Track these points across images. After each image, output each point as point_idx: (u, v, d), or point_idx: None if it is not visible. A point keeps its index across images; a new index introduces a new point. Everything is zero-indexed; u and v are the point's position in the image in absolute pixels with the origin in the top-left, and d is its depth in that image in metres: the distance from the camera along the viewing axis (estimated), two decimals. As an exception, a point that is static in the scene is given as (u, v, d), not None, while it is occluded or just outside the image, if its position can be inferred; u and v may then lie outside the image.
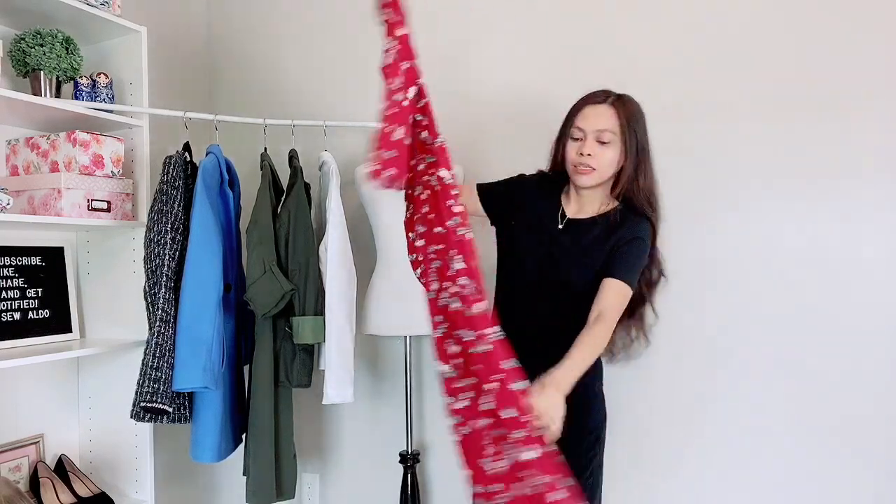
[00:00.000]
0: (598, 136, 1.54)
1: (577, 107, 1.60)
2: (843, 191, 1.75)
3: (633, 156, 1.55)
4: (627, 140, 1.54)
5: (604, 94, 1.58)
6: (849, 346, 1.74)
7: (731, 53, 1.85)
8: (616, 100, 1.56)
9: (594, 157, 1.54)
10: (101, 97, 1.90)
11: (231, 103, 2.60)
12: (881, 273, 1.71)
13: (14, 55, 1.80)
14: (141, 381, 1.73)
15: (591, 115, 1.56)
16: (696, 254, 1.88)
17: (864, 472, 1.73)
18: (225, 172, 1.88)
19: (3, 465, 1.86)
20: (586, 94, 1.60)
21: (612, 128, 1.53)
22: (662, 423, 1.94)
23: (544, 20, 2.07)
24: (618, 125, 1.53)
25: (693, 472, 1.90)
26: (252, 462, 1.88)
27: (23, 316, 1.86)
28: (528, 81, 2.09)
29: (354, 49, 2.38)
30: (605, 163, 1.55)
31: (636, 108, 1.58)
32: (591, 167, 1.55)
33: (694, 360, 1.90)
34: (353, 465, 2.40)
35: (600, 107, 1.55)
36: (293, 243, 1.90)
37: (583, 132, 1.56)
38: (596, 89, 1.59)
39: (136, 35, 1.98)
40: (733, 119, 1.85)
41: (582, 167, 1.56)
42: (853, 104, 1.73)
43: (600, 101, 1.56)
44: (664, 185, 1.65)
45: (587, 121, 1.56)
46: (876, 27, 1.71)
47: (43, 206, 1.79)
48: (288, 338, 1.90)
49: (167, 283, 1.77)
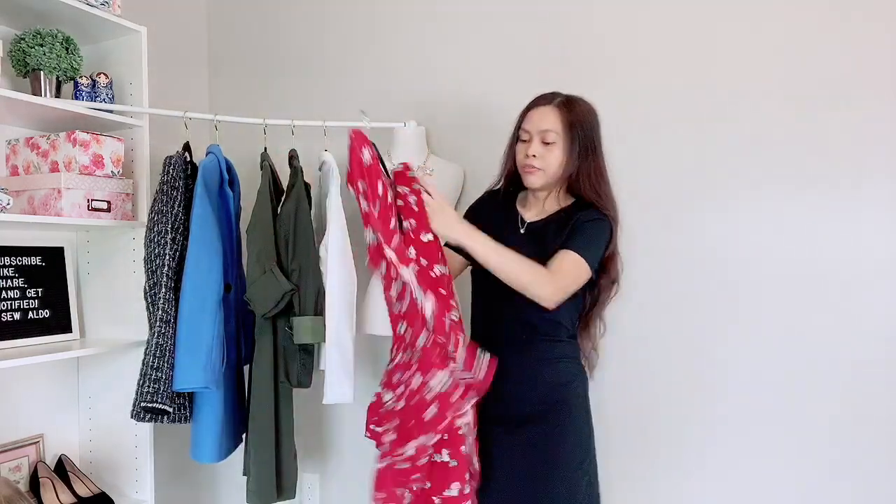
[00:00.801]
0: (542, 137, 1.58)
1: (524, 109, 1.65)
2: (840, 191, 1.74)
3: (578, 155, 1.58)
4: (572, 140, 1.56)
5: (551, 95, 1.62)
6: (847, 347, 1.74)
7: (729, 52, 1.85)
8: (563, 101, 1.60)
9: (539, 158, 1.58)
10: (101, 97, 1.90)
11: (231, 103, 2.60)
12: (882, 273, 1.72)
13: (14, 55, 1.80)
14: (141, 381, 1.73)
15: (534, 117, 1.60)
16: (690, 254, 1.88)
17: (868, 474, 1.73)
18: (225, 172, 1.88)
19: (3, 465, 1.86)
20: (535, 97, 1.64)
21: (554, 128, 1.57)
22: (657, 425, 1.94)
23: (535, 24, 2.08)
24: (560, 125, 1.57)
25: (690, 474, 1.91)
26: (252, 462, 1.88)
27: (23, 316, 1.86)
28: (526, 83, 2.09)
29: (355, 49, 2.38)
30: (550, 163, 1.58)
31: (584, 108, 1.61)
32: (536, 167, 1.59)
33: (687, 361, 1.90)
34: (353, 465, 2.40)
35: (545, 108, 1.59)
36: (293, 243, 1.89)
37: (528, 133, 1.60)
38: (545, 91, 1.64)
39: (136, 35, 1.98)
40: (734, 120, 1.85)
41: (528, 168, 1.60)
42: (853, 104, 1.73)
43: (546, 103, 1.60)
44: (655, 187, 1.66)
45: (531, 122, 1.60)
46: (875, 25, 1.71)
47: (43, 206, 1.79)
48: (288, 338, 1.90)
49: (167, 283, 1.77)
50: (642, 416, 1.95)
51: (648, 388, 1.94)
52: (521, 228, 1.67)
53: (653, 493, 1.95)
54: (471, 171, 2.14)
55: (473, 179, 2.13)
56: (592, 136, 1.60)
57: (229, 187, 1.90)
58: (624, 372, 1.95)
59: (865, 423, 1.72)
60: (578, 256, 1.53)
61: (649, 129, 1.91)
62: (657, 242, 1.91)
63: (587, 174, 1.60)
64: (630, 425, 1.95)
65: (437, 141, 2.20)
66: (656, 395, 1.93)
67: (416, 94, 2.26)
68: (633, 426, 1.95)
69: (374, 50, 2.35)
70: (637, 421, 1.95)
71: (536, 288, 1.50)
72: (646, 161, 1.91)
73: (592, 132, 1.60)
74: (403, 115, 2.16)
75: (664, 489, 1.94)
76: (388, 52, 2.32)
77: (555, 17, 2.06)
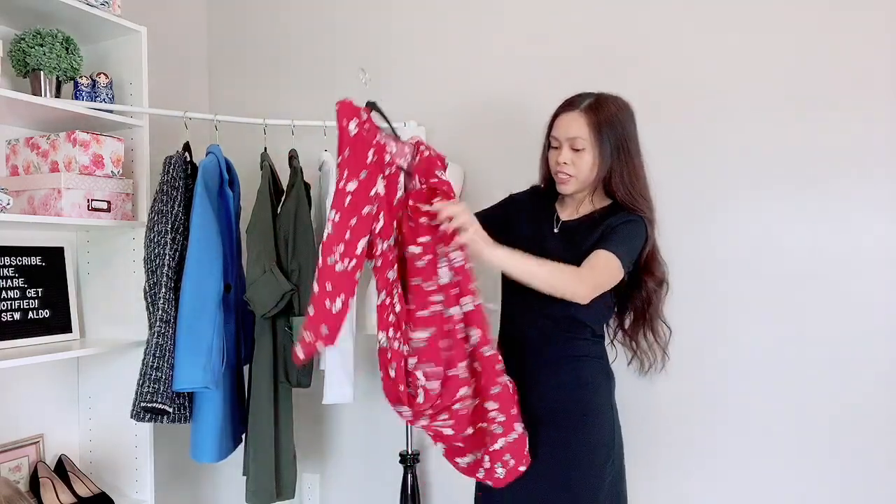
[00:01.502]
0: (571, 144, 1.55)
1: (553, 115, 1.62)
2: (840, 191, 1.74)
3: (610, 157, 1.55)
4: (601, 143, 1.54)
5: (578, 99, 1.58)
6: (847, 347, 1.74)
7: (728, 52, 1.85)
8: (589, 105, 1.55)
9: (570, 165, 1.56)
10: (101, 97, 1.90)
11: (231, 103, 2.60)
12: (882, 273, 1.72)
13: (14, 55, 1.80)
14: (141, 381, 1.74)
15: (562, 124, 1.57)
16: (689, 254, 1.88)
17: (868, 474, 1.73)
18: (225, 172, 1.88)
19: (3, 465, 1.86)
20: (563, 101, 1.61)
21: (581, 134, 1.54)
22: (673, 427, 1.94)
23: (544, 25, 2.08)
24: (587, 130, 1.53)
25: (691, 474, 1.91)
26: (252, 462, 1.88)
27: (23, 316, 1.86)
28: (526, 83, 2.09)
29: (355, 49, 2.38)
30: (582, 169, 1.56)
31: (614, 108, 1.56)
32: (568, 174, 1.57)
33: (687, 361, 1.89)
34: (353, 465, 2.40)
35: (571, 114, 1.56)
36: (293, 243, 1.90)
37: (558, 141, 1.58)
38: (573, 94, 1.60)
39: (136, 35, 1.98)
40: (734, 120, 1.85)
41: (561, 175, 1.58)
42: (853, 104, 1.73)
43: (572, 109, 1.57)
44: (663, 188, 1.65)
45: (560, 129, 1.58)
46: (875, 26, 1.71)
47: (43, 206, 1.79)
48: (288, 338, 1.90)
49: (167, 283, 1.77)
50: (642, 416, 1.95)
51: (648, 389, 1.93)
52: (556, 227, 1.66)
53: (652, 493, 1.95)
54: (471, 171, 2.14)
55: (473, 179, 2.13)
56: (624, 135, 1.56)
57: (229, 187, 1.90)
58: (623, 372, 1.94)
59: (866, 424, 1.73)
60: (611, 254, 1.51)
61: (649, 128, 1.90)
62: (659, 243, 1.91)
63: (620, 175, 1.56)
64: (629, 426, 1.95)
65: (438, 141, 2.20)
66: (656, 395, 1.93)
67: (416, 94, 2.26)
68: (633, 427, 1.95)
69: (374, 50, 2.35)
70: (637, 421, 1.95)
71: (571, 287, 1.47)
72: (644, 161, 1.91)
73: (624, 131, 1.57)
74: (403, 115, 2.16)
75: (663, 490, 1.94)
76: (389, 52, 2.32)
77: (555, 18, 2.06)
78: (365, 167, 1.32)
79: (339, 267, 1.28)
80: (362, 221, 1.31)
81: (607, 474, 1.58)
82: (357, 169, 1.31)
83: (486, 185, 2.01)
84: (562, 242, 1.61)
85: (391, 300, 1.38)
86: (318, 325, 1.26)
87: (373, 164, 1.34)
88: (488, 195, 1.86)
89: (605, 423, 1.61)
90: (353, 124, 1.34)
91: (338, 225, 1.28)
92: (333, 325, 1.28)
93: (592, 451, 1.58)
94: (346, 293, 1.28)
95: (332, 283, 1.27)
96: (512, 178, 1.81)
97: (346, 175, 1.30)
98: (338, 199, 1.29)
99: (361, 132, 1.34)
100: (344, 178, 1.30)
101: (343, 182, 1.30)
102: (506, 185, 1.83)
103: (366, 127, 1.36)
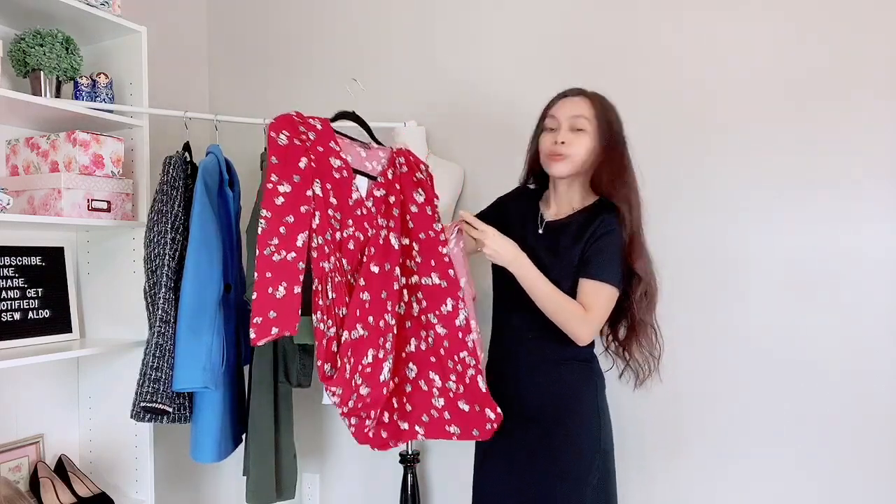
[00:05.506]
0: (572, 124, 1.57)
1: (551, 101, 1.64)
2: (840, 191, 1.74)
3: (606, 144, 1.57)
4: (601, 127, 1.57)
5: (577, 90, 1.63)
6: (848, 346, 1.74)
7: (728, 52, 1.85)
8: (593, 94, 1.61)
9: (568, 144, 1.56)
10: (101, 97, 1.90)
11: (231, 103, 2.60)
12: (882, 273, 1.72)
13: (14, 55, 1.80)
14: (141, 381, 1.73)
15: (565, 105, 1.60)
16: (689, 254, 1.88)
17: (868, 473, 1.73)
18: (225, 172, 1.88)
19: (3, 465, 1.86)
20: (563, 90, 1.64)
21: (586, 114, 1.57)
22: (668, 430, 1.94)
23: (543, 26, 2.08)
24: (592, 112, 1.57)
25: (691, 474, 1.91)
26: (252, 462, 1.87)
27: (23, 316, 1.86)
28: (526, 83, 2.09)
29: (355, 49, 2.38)
30: (578, 150, 1.57)
31: (609, 103, 1.62)
32: (563, 154, 1.57)
33: (686, 361, 1.90)
34: (353, 465, 2.40)
35: (576, 98, 1.60)
36: (293, 243, 1.89)
37: (557, 121, 1.59)
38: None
39: (136, 35, 1.98)
40: (734, 119, 1.85)
41: (555, 155, 1.58)
42: (853, 104, 1.73)
43: (576, 94, 1.61)
44: (662, 188, 1.65)
45: (561, 110, 1.60)
46: (875, 25, 1.71)
47: (43, 206, 1.79)
48: (287, 338, 1.90)
49: (167, 283, 1.77)
50: (641, 416, 1.95)
51: (642, 392, 1.93)
52: (540, 228, 1.66)
53: (651, 493, 1.95)
54: (471, 171, 2.14)
55: (473, 179, 2.14)
56: (619, 130, 1.61)
57: (229, 187, 1.90)
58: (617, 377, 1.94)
59: (865, 426, 1.72)
60: (608, 286, 1.54)
61: (647, 129, 1.91)
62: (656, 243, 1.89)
63: (608, 164, 1.58)
64: (629, 425, 1.95)
65: (437, 141, 2.20)
66: (651, 398, 1.93)
67: (416, 94, 2.26)
68: (632, 426, 1.95)
69: (374, 50, 2.35)
70: (636, 421, 1.95)
71: (573, 328, 1.53)
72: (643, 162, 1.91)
73: (619, 128, 1.61)
74: (403, 115, 2.17)
75: (661, 489, 1.94)
76: (389, 52, 2.32)
77: (555, 17, 2.06)
78: (297, 172, 1.46)
79: (276, 257, 1.39)
80: (301, 218, 1.44)
81: (592, 478, 1.58)
82: (287, 173, 1.45)
83: (486, 186, 2.01)
84: (546, 243, 1.62)
85: (324, 287, 1.48)
86: (266, 310, 1.38)
87: (307, 169, 1.48)
88: (488, 195, 1.86)
89: (588, 425, 1.61)
90: (284, 136, 1.49)
91: (271, 221, 1.41)
92: (282, 311, 1.38)
93: (576, 456, 1.58)
94: (287, 281, 1.40)
95: (270, 271, 1.39)
96: (512, 178, 1.81)
97: (276, 179, 1.44)
98: (267, 199, 1.42)
99: (291, 143, 1.49)
100: (272, 181, 1.43)
101: (272, 184, 1.43)
102: (505, 185, 1.83)
103: (302, 138, 1.52)
